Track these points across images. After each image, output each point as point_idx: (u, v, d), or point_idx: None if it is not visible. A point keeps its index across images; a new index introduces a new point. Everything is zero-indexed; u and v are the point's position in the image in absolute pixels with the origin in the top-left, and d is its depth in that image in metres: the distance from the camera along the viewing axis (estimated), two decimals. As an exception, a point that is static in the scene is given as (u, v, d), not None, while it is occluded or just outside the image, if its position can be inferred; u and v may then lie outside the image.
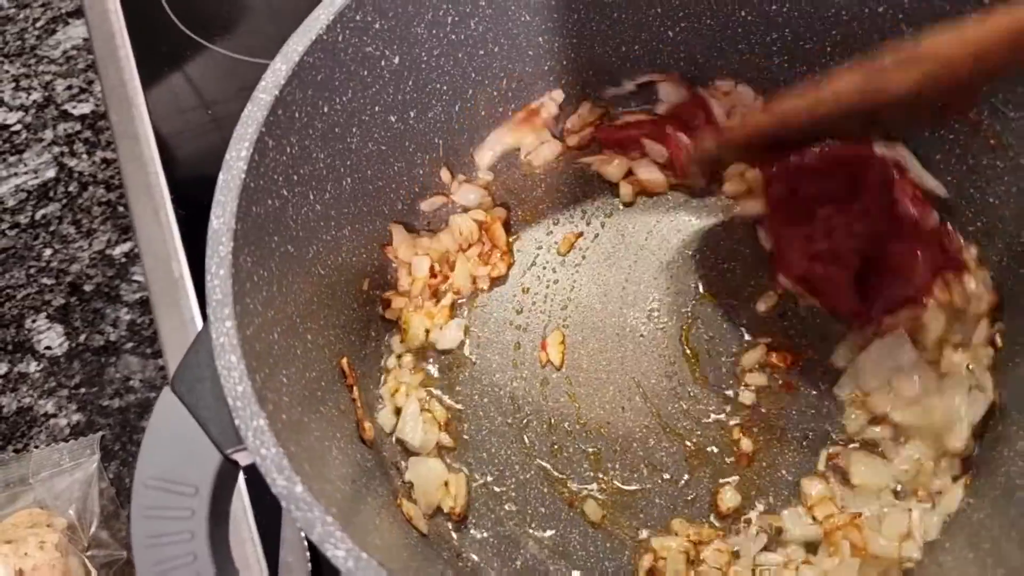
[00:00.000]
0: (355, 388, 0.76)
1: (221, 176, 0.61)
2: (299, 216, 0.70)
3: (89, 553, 0.83)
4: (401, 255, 0.85)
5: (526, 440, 0.79)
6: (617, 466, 0.77)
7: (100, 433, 0.92)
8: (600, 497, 0.76)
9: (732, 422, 0.78)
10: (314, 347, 0.71)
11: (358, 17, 0.70)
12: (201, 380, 0.59)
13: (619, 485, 0.76)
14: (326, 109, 0.71)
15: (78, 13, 1.29)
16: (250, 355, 0.57)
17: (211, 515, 0.56)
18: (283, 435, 0.55)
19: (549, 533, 0.75)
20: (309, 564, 0.77)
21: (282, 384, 0.62)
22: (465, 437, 0.79)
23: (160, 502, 0.56)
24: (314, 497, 0.52)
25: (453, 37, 0.79)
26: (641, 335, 0.83)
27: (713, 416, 0.79)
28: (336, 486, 0.63)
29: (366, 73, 0.73)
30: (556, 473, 0.77)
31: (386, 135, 0.79)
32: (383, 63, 0.75)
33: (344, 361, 0.76)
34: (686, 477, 0.76)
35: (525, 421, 0.80)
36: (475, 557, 0.74)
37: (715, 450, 0.77)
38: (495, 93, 0.88)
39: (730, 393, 0.79)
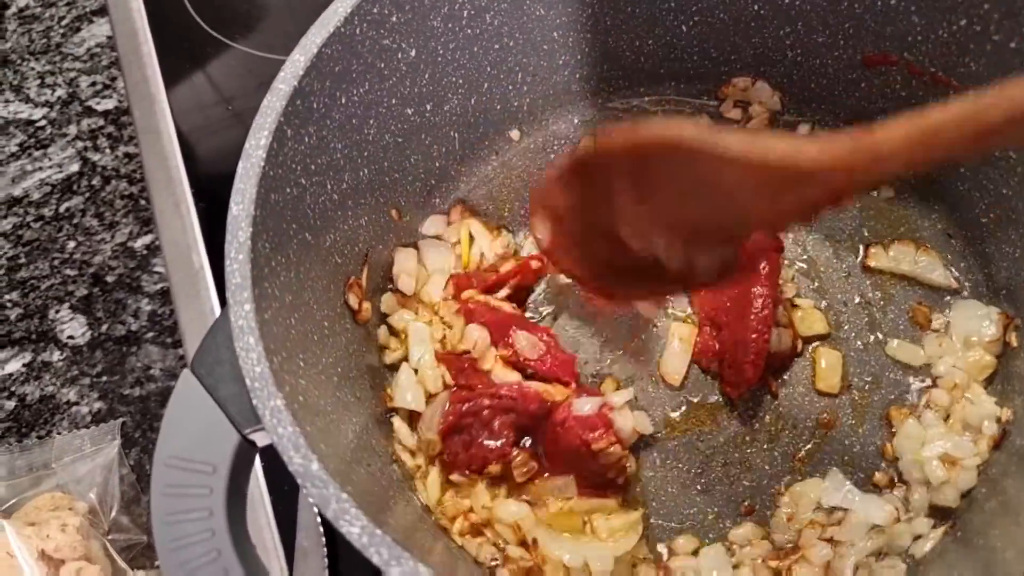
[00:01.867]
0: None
1: (241, 164, 0.63)
2: (317, 205, 0.71)
3: (110, 537, 0.84)
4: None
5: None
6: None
7: (121, 420, 0.93)
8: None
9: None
10: (331, 334, 0.72)
11: (375, 10, 0.71)
12: (220, 362, 0.61)
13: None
14: (343, 100, 0.72)
15: (102, 11, 1.31)
16: (268, 337, 0.58)
17: (229, 493, 0.58)
18: (299, 415, 0.56)
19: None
20: (324, 548, 0.78)
21: (299, 367, 0.63)
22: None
23: (179, 480, 0.58)
24: (329, 475, 0.53)
25: (469, 31, 0.81)
26: (654, 327, 0.84)
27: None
28: (352, 468, 0.64)
29: (383, 65, 0.75)
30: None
31: (403, 127, 0.80)
32: (400, 56, 0.76)
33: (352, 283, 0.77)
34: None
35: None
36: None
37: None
38: (510, 87, 0.89)
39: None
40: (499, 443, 0.73)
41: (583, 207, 0.65)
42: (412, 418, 0.77)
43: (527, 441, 0.76)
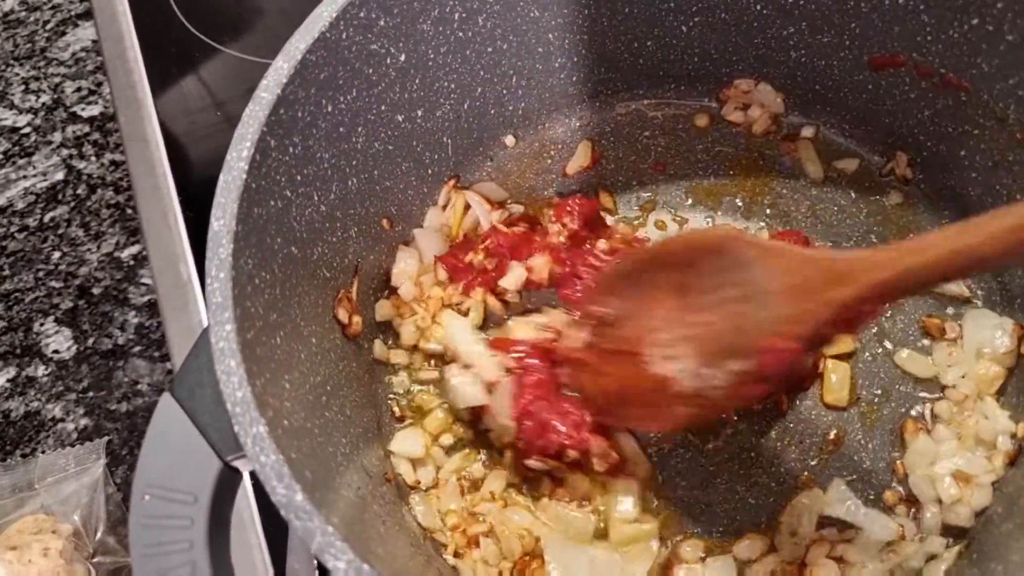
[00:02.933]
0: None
1: (222, 177, 0.60)
2: (303, 217, 0.68)
3: (95, 559, 0.82)
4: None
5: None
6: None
7: (107, 438, 0.91)
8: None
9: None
10: (319, 351, 0.70)
11: (362, 14, 0.69)
12: (201, 385, 0.58)
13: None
14: (330, 108, 0.69)
15: (87, 15, 1.29)
16: (250, 359, 0.55)
17: (210, 524, 0.55)
18: (283, 442, 0.54)
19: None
20: (316, 572, 0.75)
21: (284, 389, 0.60)
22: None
23: (159, 510, 0.55)
24: (315, 506, 0.51)
25: (460, 34, 0.78)
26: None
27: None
28: (340, 494, 0.61)
29: (371, 71, 0.72)
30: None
31: (393, 134, 0.78)
32: (388, 61, 0.73)
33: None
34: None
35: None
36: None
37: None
38: (505, 91, 0.86)
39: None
40: (574, 429, 0.71)
41: (625, 314, 0.69)
42: (475, 412, 0.76)
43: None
